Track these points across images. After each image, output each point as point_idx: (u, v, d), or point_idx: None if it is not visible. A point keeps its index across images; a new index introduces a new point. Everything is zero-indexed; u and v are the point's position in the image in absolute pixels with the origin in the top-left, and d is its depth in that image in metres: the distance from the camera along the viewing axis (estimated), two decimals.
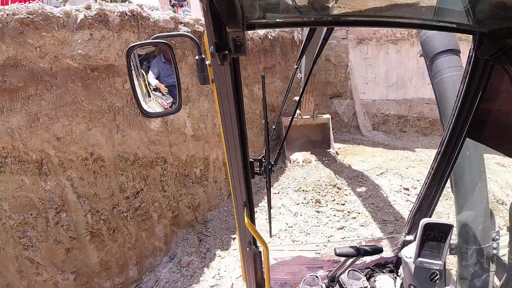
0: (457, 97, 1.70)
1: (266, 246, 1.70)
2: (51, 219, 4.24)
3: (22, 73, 3.80)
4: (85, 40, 4.27)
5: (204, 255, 5.51)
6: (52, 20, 3.98)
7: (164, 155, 5.53)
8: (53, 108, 4.07)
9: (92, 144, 4.48)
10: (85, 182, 4.48)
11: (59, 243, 4.33)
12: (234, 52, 0.99)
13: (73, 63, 4.19)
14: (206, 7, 0.79)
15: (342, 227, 6.29)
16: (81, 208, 4.44)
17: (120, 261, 4.97)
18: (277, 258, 2.76)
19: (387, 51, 10.16)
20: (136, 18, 4.87)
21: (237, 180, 1.53)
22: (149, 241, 5.35)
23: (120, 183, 4.86)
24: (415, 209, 2.27)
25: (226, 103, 1.19)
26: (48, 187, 4.18)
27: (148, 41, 1.41)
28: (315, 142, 10.18)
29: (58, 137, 4.16)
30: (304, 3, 1.22)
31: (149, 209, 5.31)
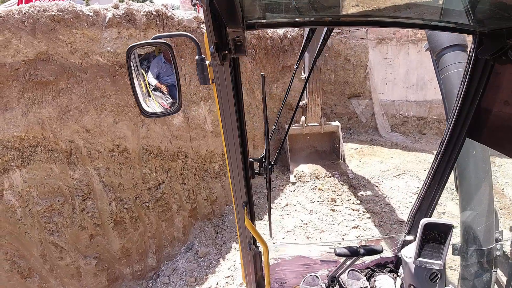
0: (457, 97, 1.70)
1: (266, 246, 1.68)
2: (77, 206, 4.48)
3: (53, 67, 4.04)
4: (113, 38, 4.49)
5: (220, 247, 5.66)
6: (82, 18, 4.21)
7: (185, 149, 5.71)
8: (83, 102, 4.31)
9: (118, 137, 4.69)
10: (111, 172, 4.70)
11: (84, 229, 4.56)
12: (234, 52, 0.99)
13: (102, 60, 4.42)
14: (206, 7, 0.79)
15: (356, 226, 6.30)
16: (106, 196, 4.67)
17: (140, 249, 5.19)
18: (277, 258, 2.74)
19: (408, 52, 10.00)
20: (161, 17, 5.06)
21: (237, 180, 1.52)
22: (168, 231, 5.55)
23: (143, 175, 5.07)
24: (415, 209, 2.27)
25: (226, 103, 1.19)
26: (76, 175, 4.42)
27: (148, 41, 1.40)
28: (323, 153, 9.27)
29: (87, 128, 4.40)
30: (304, 3, 1.23)
31: (170, 200, 5.51)
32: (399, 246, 2.43)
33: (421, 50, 9.97)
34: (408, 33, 9.83)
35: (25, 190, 4.09)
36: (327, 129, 8.75)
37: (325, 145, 9.28)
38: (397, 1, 1.25)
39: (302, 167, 8.31)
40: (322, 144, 9.28)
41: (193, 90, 5.55)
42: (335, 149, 8.96)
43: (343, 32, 10.02)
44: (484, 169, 2.82)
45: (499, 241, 2.70)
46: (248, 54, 7.23)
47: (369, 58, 10.34)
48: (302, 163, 8.58)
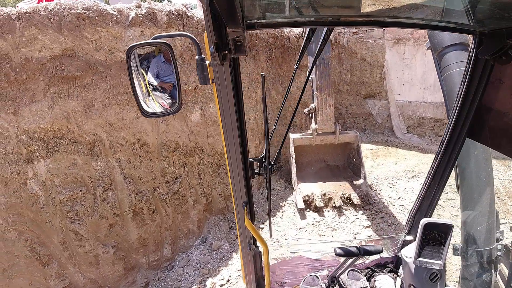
0: (457, 97, 1.70)
1: (266, 246, 1.68)
2: (99, 196, 4.69)
3: (79, 63, 4.25)
4: (136, 36, 4.68)
5: (233, 241, 5.80)
6: (106, 17, 4.41)
7: (201, 145, 5.87)
8: (107, 97, 4.51)
9: (139, 131, 4.89)
10: (131, 165, 4.90)
11: (104, 218, 4.77)
12: (234, 52, 0.99)
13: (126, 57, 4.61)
14: (206, 7, 0.80)
15: (368, 226, 6.33)
16: (126, 188, 4.87)
17: (157, 240, 5.38)
18: (277, 258, 2.70)
19: (425, 52, 9.88)
20: (182, 17, 5.23)
21: (237, 180, 1.52)
22: (183, 224, 5.73)
23: (162, 168, 5.26)
24: (415, 209, 2.26)
25: (226, 103, 1.19)
26: (98, 167, 4.63)
27: (148, 41, 1.40)
28: (335, 168, 7.77)
29: (110, 122, 4.60)
30: (304, 3, 1.23)
31: (186, 194, 5.69)
32: (399, 246, 2.43)
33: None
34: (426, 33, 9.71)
35: (48, 179, 4.31)
36: (343, 139, 7.27)
37: (338, 158, 7.86)
38: (397, 1, 1.27)
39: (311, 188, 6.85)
40: (335, 158, 7.85)
41: (210, 88, 5.71)
42: (351, 164, 7.53)
43: (360, 32, 9.99)
44: (486, 169, 2.80)
45: (500, 241, 2.69)
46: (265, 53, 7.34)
47: (386, 58, 10.28)
48: (311, 181, 7.23)
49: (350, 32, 10.00)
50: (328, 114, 6.84)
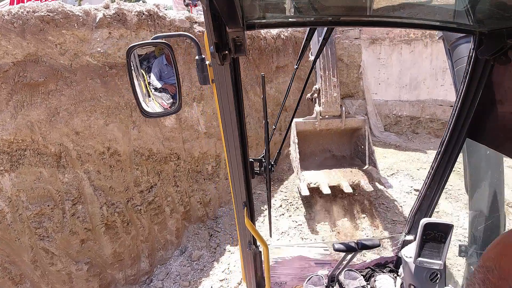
0: (457, 97, 1.71)
1: (266, 246, 1.70)
2: (68, 210, 4.40)
3: (42, 69, 3.97)
4: (104, 38, 4.42)
5: (214, 249, 5.62)
6: (72, 19, 4.14)
7: (177, 151, 5.66)
8: (73, 104, 4.24)
9: (109, 139, 4.63)
10: (101, 176, 4.63)
11: (74, 234, 4.49)
12: (234, 52, 0.99)
13: (92, 60, 4.35)
14: (206, 7, 0.80)
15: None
16: (97, 200, 4.60)
17: (133, 253, 5.12)
18: (277, 258, 2.72)
19: (401, 52, 10.08)
20: (153, 17, 5.01)
21: (237, 180, 1.53)
22: (161, 235, 5.50)
23: (135, 177, 5.01)
24: (415, 209, 2.28)
25: (226, 103, 1.20)
26: (65, 179, 4.34)
27: (148, 41, 1.42)
28: (341, 158, 7.29)
29: (77, 131, 4.33)
30: (304, 3, 1.23)
31: (162, 203, 5.46)
32: (399, 246, 2.43)
33: (414, 50, 10.07)
34: (401, 33, 9.92)
35: (14, 194, 4.00)
36: (350, 124, 6.71)
37: (344, 148, 7.32)
38: (397, 1, 1.24)
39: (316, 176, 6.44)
40: (341, 147, 7.32)
41: (185, 91, 5.50)
42: (359, 153, 7.01)
43: (337, 32, 10.05)
44: (495, 170, 2.78)
45: None
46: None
47: (362, 58, 10.40)
48: (315, 169, 6.81)
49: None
50: (332, 96, 6.40)
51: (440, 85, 10.27)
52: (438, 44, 10.18)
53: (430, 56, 10.27)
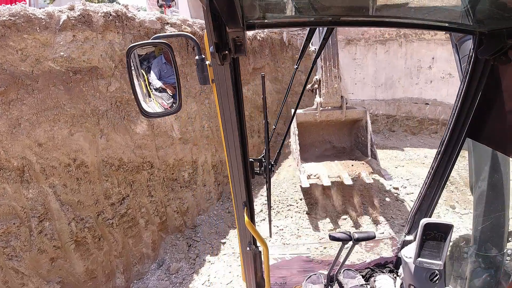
0: (457, 97, 1.71)
1: (266, 246, 1.72)
2: (34, 228, 4.11)
3: (3, 77, 3.68)
4: (67, 41, 4.15)
5: (193, 261, 5.43)
6: (34, 22, 3.87)
7: (150, 159, 5.43)
8: (35, 113, 3.95)
9: (75, 150, 4.35)
10: (68, 189, 4.35)
11: (44, 252, 4.20)
12: (234, 52, 0.99)
13: (55, 66, 4.07)
14: (206, 7, 0.80)
15: (333, 229, 6.29)
16: (64, 216, 4.31)
17: (107, 269, 4.85)
18: (277, 258, 2.75)
19: (376, 52, 10.24)
20: (121, 18, 4.76)
21: (237, 180, 1.54)
22: (136, 248, 5.25)
23: (104, 190, 4.74)
24: (415, 209, 2.28)
25: (226, 103, 1.20)
26: (30, 195, 4.05)
27: (148, 41, 1.42)
28: (342, 150, 7.33)
29: (40, 143, 4.04)
30: (304, 3, 1.23)
31: (136, 215, 5.21)
32: (399, 246, 2.43)
33: (389, 50, 10.23)
34: (376, 33, 10.06)
35: None
36: (350, 115, 6.68)
37: (345, 139, 7.30)
38: (397, 1, 1.23)
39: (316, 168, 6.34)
40: (341, 139, 7.29)
41: None
42: (359, 144, 6.99)
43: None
44: (502, 171, 2.77)
45: None
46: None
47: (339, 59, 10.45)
48: (315, 161, 6.71)
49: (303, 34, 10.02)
50: (334, 87, 6.35)
51: (415, 83, 10.51)
52: (412, 44, 10.42)
53: (404, 55, 10.49)
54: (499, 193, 2.70)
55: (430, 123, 10.68)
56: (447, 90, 10.51)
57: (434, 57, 10.45)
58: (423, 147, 9.64)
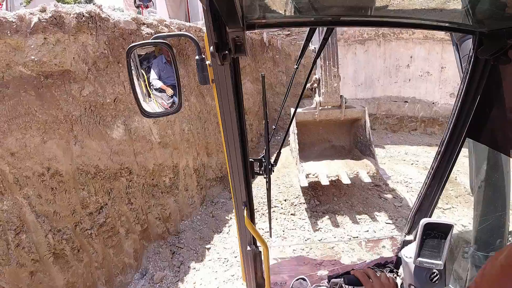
0: (457, 97, 1.73)
1: (266, 246, 1.73)
2: (11, 241, 3.96)
3: None
4: (38, 45, 4.03)
5: (178, 268, 5.37)
6: (5, 26, 3.74)
7: (128, 165, 5.33)
8: (5, 121, 3.81)
9: (48, 158, 4.22)
10: (43, 200, 4.21)
11: (22, 266, 4.05)
12: (234, 52, 1.01)
13: (26, 71, 3.94)
14: (206, 7, 0.81)
15: (318, 229, 6.37)
16: (41, 228, 4.18)
17: (88, 281, 4.73)
18: (277, 258, 2.73)
19: (355, 52, 10.49)
20: (94, 19, 4.67)
21: (237, 180, 1.55)
22: (117, 258, 5.13)
23: (81, 199, 4.62)
24: (415, 209, 2.30)
25: (226, 103, 1.20)
26: (5, 207, 3.89)
27: (148, 41, 1.42)
28: (341, 149, 7.50)
29: (12, 152, 3.89)
30: (304, 3, 1.24)
31: (116, 224, 5.10)
32: (399, 246, 2.46)
33: (368, 50, 10.49)
34: (355, 33, 10.30)
35: None
36: (349, 114, 6.86)
37: (344, 138, 7.48)
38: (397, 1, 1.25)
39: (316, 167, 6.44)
40: (340, 138, 7.48)
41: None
42: (358, 143, 7.16)
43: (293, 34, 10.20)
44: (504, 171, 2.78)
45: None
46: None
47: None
48: (315, 160, 6.89)
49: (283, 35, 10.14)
50: (333, 86, 6.47)
51: (394, 82, 10.82)
52: (390, 43, 10.73)
53: (383, 55, 10.79)
54: (499, 193, 2.72)
55: (410, 120, 11.02)
56: (426, 88, 10.88)
57: (412, 56, 10.80)
58: (403, 144, 9.94)
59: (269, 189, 1.84)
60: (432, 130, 10.96)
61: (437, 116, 10.84)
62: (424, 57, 10.65)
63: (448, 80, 10.73)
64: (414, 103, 10.85)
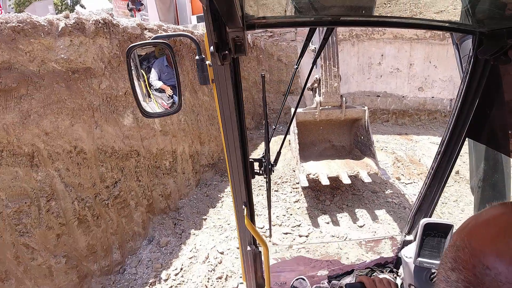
0: (457, 97, 1.76)
1: (266, 246, 1.77)
2: (43, 206, 4.93)
3: (15, 75, 4.52)
4: (66, 45, 5.07)
5: (180, 235, 6.44)
6: (38, 28, 4.75)
7: (137, 148, 6.39)
8: (42, 106, 4.82)
9: (75, 138, 5.25)
10: (70, 173, 5.23)
11: (51, 229, 5.02)
12: (234, 52, 1.03)
13: (57, 66, 4.97)
14: (206, 7, 0.83)
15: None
16: (68, 196, 5.18)
17: (104, 245, 5.74)
18: (277, 258, 2.76)
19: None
20: (108, 25, 5.74)
21: (237, 180, 1.58)
22: (128, 227, 6.17)
23: (100, 174, 5.66)
24: (415, 209, 2.32)
25: (226, 103, 1.24)
26: (39, 177, 4.88)
27: (148, 41, 1.47)
28: (341, 148, 7.71)
29: (46, 132, 4.90)
30: (304, 3, 1.27)
31: (127, 197, 6.14)
32: (399, 246, 2.49)
33: (343, 49, 11.80)
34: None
35: None
36: (350, 114, 6.99)
37: (344, 138, 7.66)
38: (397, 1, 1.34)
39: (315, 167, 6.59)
40: (340, 138, 7.65)
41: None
42: (358, 143, 7.35)
43: (275, 35, 11.40)
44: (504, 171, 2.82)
45: None
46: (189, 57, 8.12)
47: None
48: (315, 160, 7.07)
49: (266, 36, 11.34)
50: (333, 86, 6.53)
51: (367, 78, 12.18)
52: (363, 43, 12.08)
53: (357, 54, 12.12)
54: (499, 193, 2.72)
55: (382, 112, 12.39)
56: (396, 83, 12.28)
57: (383, 54, 12.16)
58: (375, 134, 11.19)
59: (269, 189, 1.84)
60: (402, 121, 12.39)
61: (407, 108, 12.28)
62: (394, 55, 12.04)
63: (417, 75, 12.19)
64: (385, 97, 12.26)
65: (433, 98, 12.27)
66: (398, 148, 9.97)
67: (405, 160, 9.05)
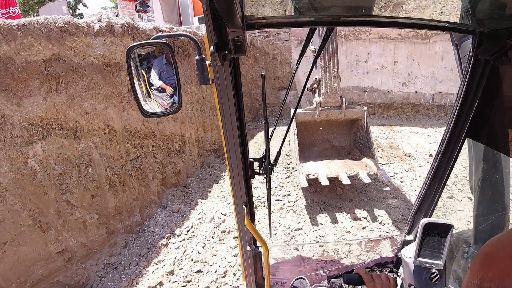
0: (457, 97, 1.76)
1: (266, 246, 1.79)
2: (82, 171, 6.37)
3: (63, 65, 5.97)
4: (101, 44, 6.54)
5: (189, 203, 7.90)
6: (80, 29, 6.21)
7: (154, 130, 7.85)
8: (84, 91, 6.28)
9: (108, 119, 6.71)
10: (104, 146, 6.68)
11: (87, 190, 6.44)
12: (234, 52, 1.06)
13: (95, 60, 6.44)
14: (206, 7, 0.85)
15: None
16: (102, 164, 6.63)
17: (128, 208, 7.19)
18: (277, 258, 2.79)
19: None
20: (131, 28, 7.22)
21: (237, 180, 1.61)
22: (147, 195, 7.62)
23: (126, 149, 7.11)
24: (415, 209, 2.34)
25: (226, 103, 1.26)
26: (80, 147, 6.33)
27: (148, 41, 1.49)
28: (341, 149, 7.88)
29: (87, 112, 6.36)
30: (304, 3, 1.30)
31: (146, 170, 7.59)
32: (399, 246, 2.52)
33: None
34: None
35: (44, 158, 5.89)
36: (349, 115, 7.18)
37: (344, 138, 7.81)
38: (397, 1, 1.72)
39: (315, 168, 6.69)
40: (340, 138, 7.81)
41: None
42: (358, 143, 7.51)
43: (270, 35, 12.94)
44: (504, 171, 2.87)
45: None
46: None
47: (292, 56, 13.43)
48: (314, 160, 7.23)
49: (263, 36, 12.87)
50: (333, 86, 6.71)
51: (354, 75, 13.71)
52: (351, 43, 13.61)
53: (345, 52, 13.65)
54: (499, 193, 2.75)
55: (369, 106, 13.90)
56: (381, 79, 13.81)
57: (369, 53, 13.67)
58: None
59: (269, 189, 1.87)
60: (388, 114, 13.94)
61: (392, 102, 13.82)
62: (380, 54, 13.54)
63: (400, 72, 13.73)
64: (372, 92, 13.78)
65: (416, 92, 13.80)
66: (380, 137, 11.47)
67: (385, 146, 10.56)
